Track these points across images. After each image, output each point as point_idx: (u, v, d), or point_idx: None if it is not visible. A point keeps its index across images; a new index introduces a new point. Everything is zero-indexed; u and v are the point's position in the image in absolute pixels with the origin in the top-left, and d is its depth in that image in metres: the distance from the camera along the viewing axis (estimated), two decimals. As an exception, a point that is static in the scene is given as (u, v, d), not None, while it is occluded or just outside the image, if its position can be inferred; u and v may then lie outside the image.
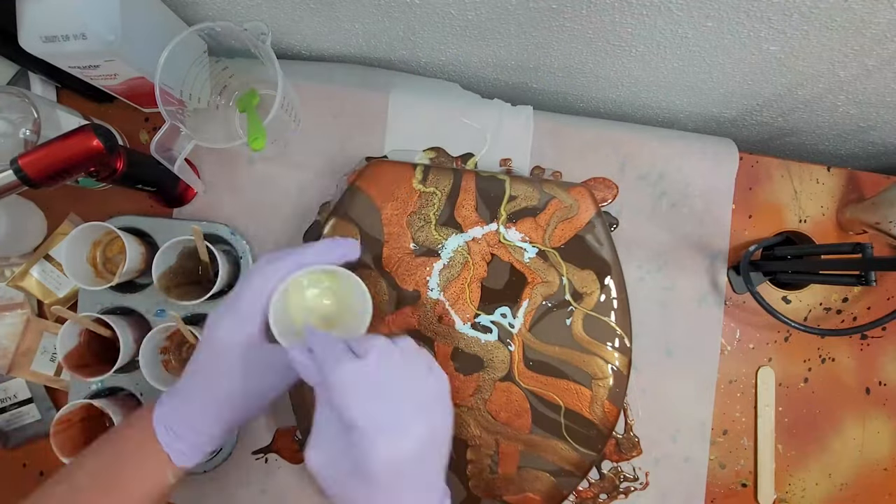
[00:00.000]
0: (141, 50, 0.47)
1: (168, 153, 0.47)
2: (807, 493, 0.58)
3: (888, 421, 0.59)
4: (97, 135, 0.40)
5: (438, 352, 0.52)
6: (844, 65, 0.49)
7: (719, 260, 0.58)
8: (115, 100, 0.56)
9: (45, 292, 0.56)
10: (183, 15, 0.53)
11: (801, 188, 0.60)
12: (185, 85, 0.49)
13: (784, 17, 0.43)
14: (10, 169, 0.37)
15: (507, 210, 0.53)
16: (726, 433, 0.57)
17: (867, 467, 0.58)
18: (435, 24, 0.52)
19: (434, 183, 0.53)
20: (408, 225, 0.53)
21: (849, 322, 0.59)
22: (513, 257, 0.53)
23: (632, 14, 0.46)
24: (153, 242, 0.55)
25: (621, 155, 0.58)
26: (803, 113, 0.60)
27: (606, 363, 0.52)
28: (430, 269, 0.53)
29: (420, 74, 0.61)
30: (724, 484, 0.57)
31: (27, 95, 0.47)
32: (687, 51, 0.50)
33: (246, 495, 0.55)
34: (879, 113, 0.57)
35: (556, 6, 0.46)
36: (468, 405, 0.52)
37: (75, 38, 0.43)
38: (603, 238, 0.53)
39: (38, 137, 0.46)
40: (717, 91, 0.58)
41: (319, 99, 0.58)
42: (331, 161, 0.58)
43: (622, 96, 0.62)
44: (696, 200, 0.58)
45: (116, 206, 0.57)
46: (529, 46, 0.54)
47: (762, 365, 0.58)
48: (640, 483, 0.56)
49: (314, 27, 0.55)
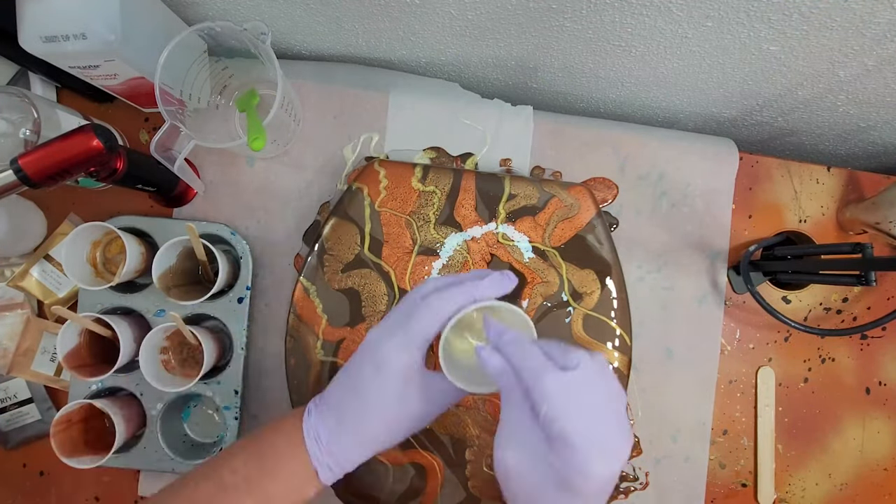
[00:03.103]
0: (141, 50, 0.47)
1: (168, 153, 0.47)
2: (807, 493, 0.58)
3: (888, 421, 0.59)
4: (97, 135, 0.39)
5: (438, 351, 0.52)
6: (844, 65, 0.49)
7: (719, 260, 0.58)
8: (115, 100, 0.56)
9: (45, 292, 0.56)
10: (183, 15, 0.53)
11: (801, 188, 0.60)
12: (185, 85, 0.49)
13: (784, 17, 0.43)
14: (10, 169, 0.37)
15: (506, 209, 0.53)
16: (726, 433, 0.57)
17: (867, 467, 0.58)
18: (435, 24, 0.52)
19: (434, 182, 0.53)
20: (407, 224, 0.53)
21: (849, 322, 0.59)
22: (512, 257, 0.53)
23: (632, 14, 0.46)
24: (153, 242, 0.55)
25: (621, 155, 0.58)
26: (803, 113, 0.60)
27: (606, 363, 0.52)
28: (429, 269, 0.53)
29: (420, 74, 0.61)
30: (724, 484, 0.57)
31: (27, 95, 0.47)
32: (687, 51, 0.50)
33: (246, 495, 0.55)
34: (879, 113, 0.57)
35: (556, 6, 0.46)
36: (467, 405, 0.52)
37: (75, 38, 0.43)
38: (603, 238, 0.53)
39: (38, 137, 0.46)
40: (717, 91, 0.58)
41: (319, 99, 0.58)
42: (331, 161, 0.58)
43: (622, 96, 0.62)
44: (696, 200, 0.58)
45: (116, 206, 0.57)
46: (529, 46, 0.54)
47: (762, 365, 0.58)
48: (640, 483, 0.56)
49: (314, 27, 0.55)
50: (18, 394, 0.57)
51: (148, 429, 0.54)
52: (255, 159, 0.58)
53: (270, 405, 0.56)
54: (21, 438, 0.57)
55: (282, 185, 0.58)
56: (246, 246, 0.55)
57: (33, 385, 0.57)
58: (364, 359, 0.36)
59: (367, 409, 0.35)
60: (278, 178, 0.58)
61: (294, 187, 0.58)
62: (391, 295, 0.52)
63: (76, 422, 0.51)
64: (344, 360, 0.52)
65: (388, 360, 0.35)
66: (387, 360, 0.35)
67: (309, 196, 0.57)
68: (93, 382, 0.54)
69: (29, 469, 0.57)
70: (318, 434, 0.35)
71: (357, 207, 0.53)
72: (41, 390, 0.57)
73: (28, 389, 0.57)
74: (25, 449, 0.57)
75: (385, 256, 0.53)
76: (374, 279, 0.52)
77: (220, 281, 0.51)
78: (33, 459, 0.57)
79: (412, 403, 0.36)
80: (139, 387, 0.54)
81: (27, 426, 0.57)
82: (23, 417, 0.57)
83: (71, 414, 0.50)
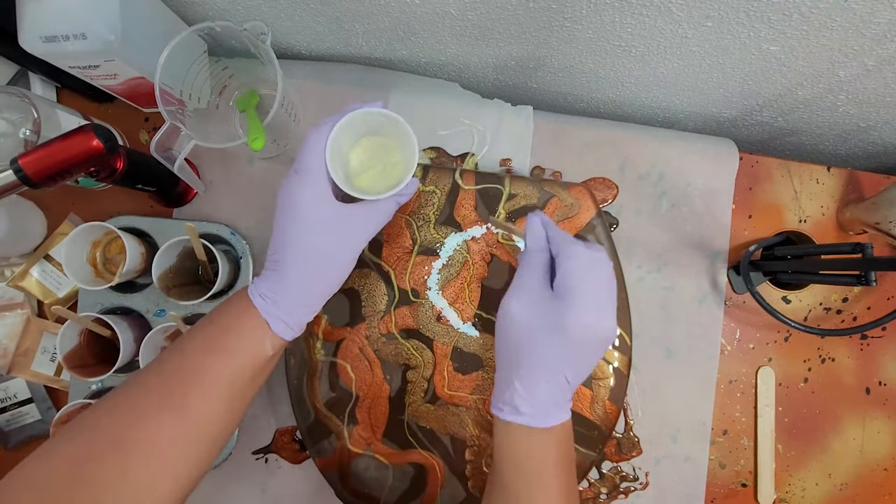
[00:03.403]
0: (141, 50, 0.47)
1: (168, 153, 0.47)
2: (807, 493, 0.58)
3: (888, 421, 0.59)
4: (97, 135, 0.40)
5: (437, 351, 0.52)
6: (844, 65, 0.49)
7: (719, 260, 0.58)
8: (115, 100, 0.56)
9: (45, 292, 0.56)
10: (183, 15, 0.53)
11: (801, 188, 0.60)
12: (185, 85, 0.49)
13: (784, 17, 0.43)
14: (10, 169, 0.37)
15: (506, 209, 0.53)
16: (726, 433, 0.57)
17: (867, 467, 0.58)
18: (435, 24, 0.52)
19: (433, 182, 0.53)
20: (407, 224, 0.53)
21: (849, 322, 0.59)
22: (511, 257, 0.53)
23: (632, 14, 0.46)
24: (153, 242, 0.55)
25: (621, 155, 0.58)
26: (803, 113, 0.60)
27: (607, 363, 0.52)
28: (429, 269, 0.53)
29: (420, 74, 0.61)
30: (724, 484, 0.57)
31: (27, 95, 0.47)
32: (687, 51, 0.50)
33: (246, 495, 0.55)
34: (879, 113, 0.57)
35: (556, 6, 0.46)
36: (467, 404, 0.52)
37: (75, 38, 0.43)
38: (603, 238, 0.53)
39: (38, 137, 0.46)
40: (717, 91, 0.58)
41: (319, 99, 0.58)
42: (331, 161, 0.58)
43: (622, 96, 0.62)
44: (696, 200, 0.58)
45: (116, 206, 0.58)
46: (529, 46, 0.54)
47: (762, 365, 0.58)
48: (640, 483, 0.56)
49: (314, 27, 0.55)
50: (18, 394, 0.57)
51: (148, 429, 0.54)
52: (255, 159, 0.58)
53: (270, 405, 0.56)
54: (21, 438, 0.57)
55: (282, 185, 0.58)
56: (246, 246, 0.56)
57: (33, 385, 0.57)
58: (278, 212, 0.39)
59: (295, 251, 0.38)
60: (278, 178, 0.58)
61: (294, 187, 0.58)
62: (391, 295, 0.52)
63: (76, 422, 0.51)
64: (344, 360, 0.52)
65: (293, 202, 0.38)
66: (292, 203, 0.38)
67: (309, 196, 0.57)
68: (93, 382, 0.54)
69: (29, 469, 0.57)
70: (263, 291, 0.39)
71: (357, 207, 0.53)
72: (41, 390, 0.57)
73: (28, 389, 0.57)
74: (25, 449, 0.57)
75: (385, 256, 0.53)
76: (373, 279, 0.52)
77: (220, 281, 0.51)
78: (33, 459, 0.57)
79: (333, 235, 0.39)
80: (139, 387, 0.54)
81: (27, 426, 0.57)
82: (23, 417, 0.57)
83: (71, 414, 0.50)
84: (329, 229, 0.39)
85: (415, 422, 0.52)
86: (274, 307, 0.38)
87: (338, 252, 0.40)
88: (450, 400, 0.52)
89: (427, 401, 0.52)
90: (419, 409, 0.52)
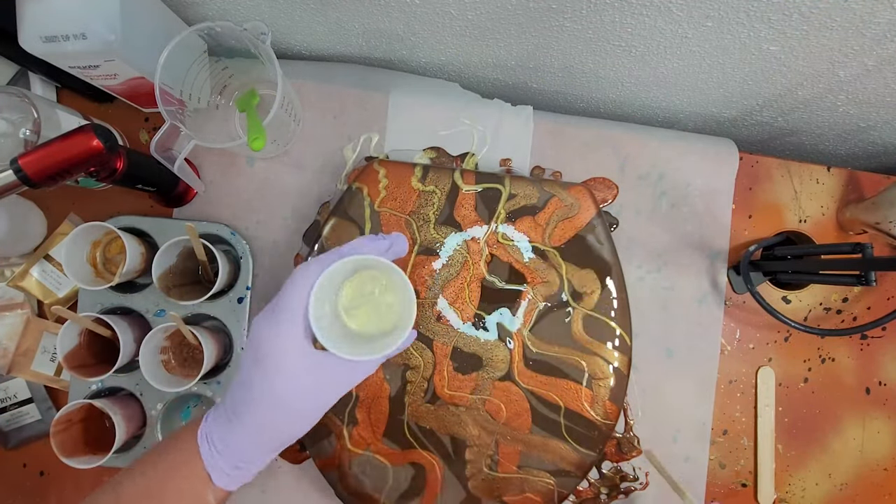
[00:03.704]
0: (141, 50, 0.47)
1: (168, 153, 0.47)
2: (807, 493, 0.58)
3: (888, 421, 0.59)
4: (97, 135, 0.40)
5: (437, 351, 0.52)
6: (844, 65, 0.49)
7: (719, 260, 0.58)
8: (115, 100, 0.56)
9: (45, 292, 0.56)
10: (183, 15, 0.53)
11: (801, 188, 0.60)
12: (185, 85, 0.49)
13: (784, 17, 0.43)
14: (10, 169, 0.37)
15: (506, 208, 0.53)
16: (726, 433, 0.57)
17: (867, 467, 0.58)
18: (435, 24, 0.52)
19: (433, 182, 0.53)
20: (407, 224, 0.53)
21: (849, 322, 0.59)
22: (511, 257, 0.53)
23: (632, 14, 0.46)
24: (153, 242, 0.55)
25: (621, 155, 0.58)
26: (803, 113, 0.60)
27: (607, 363, 0.52)
28: (429, 269, 0.53)
29: (420, 74, 0.61)
30: (724, 484, 0.57)
31: (27, 95, 0.47)
32: (687, 51, 0.50)
33: (246, 495, 0.55)
34: (879, 113, 0.57)
35: (556, 6, 0.46)
36: (467, 404, 0.52)
37: (75, 38, 0.43)
38: (603, 238, 0.53)
39: (38, 137, 0.46)
40: (717, 91, 0.58)
41: (319, 99, 0.58)
42: (331, 161, 0.58)
43: (622, 96, 0.62)
44: (696, 200, 0.58)
45: (116, 206, 0.57)
46: (529, 46, 0.54)
47: (762, 365, 0.58)
48: (640, 483, 0.56)
49: (314, 27, 0.55)
50: (18, 394, 0.57)
51: (148, 429, 0.54)
52: (255, 159, 0.58)
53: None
54: (21, 438, 0.57)
55: (282, 185, 0.58)
56: (246, 246, 0.56)
57: (33, 385, 0.57)
58: (246, 349, 0.35)
59: (256, 402, 0.33)
60: (278, 178, 0.58)
61: (294, 187, 0.58)
62: (391, 295, 0.52)
63: (76, 422, 0.51)
64: (344, 361, 0.52)
65: (263, 347, 0.33)
66: (262, 348, 0.33)
67: (309, 196, 0.57)
68: (93, 382, 0.54)
69: (29, 469, 0.57)
70: (211, 437, 0.34)
71: (357, 207, 0.53)
72: (41, 390, 0.57)
73: (28, 389, 0.57)
74: (25, 449, 0.57)
75: (385, 256, 0.53)
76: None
77: (219, 281, 0.51)
78: (33, 459, 0.57)
79: (302, 388, 0.34)
80: (139, 387, 0.54)
81: (27, 426, 0.57)
82: (23, 417, 0.57)
83: (71, 414, 0.50)
84: (298, 384, 0.33)
85: (415, 422, 0.52)
86: (220, 458, 0.34)
87: (303, 408, 0.34)
88: (450, 400, 0.52)
89: (427, 401, 0.52)
90: (419, 409, 0.52)
